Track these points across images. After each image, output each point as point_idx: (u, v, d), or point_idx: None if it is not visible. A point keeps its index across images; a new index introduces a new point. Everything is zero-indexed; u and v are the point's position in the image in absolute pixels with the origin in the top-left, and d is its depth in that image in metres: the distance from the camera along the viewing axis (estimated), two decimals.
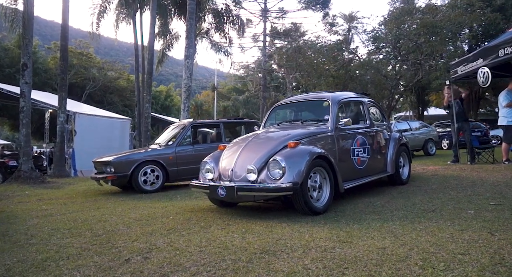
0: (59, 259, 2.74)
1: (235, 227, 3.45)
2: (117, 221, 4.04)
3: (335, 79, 20.36)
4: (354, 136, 4.87)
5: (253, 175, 3.83)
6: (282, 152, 3.90)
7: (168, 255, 2.67)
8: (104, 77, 28.94)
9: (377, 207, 4.12)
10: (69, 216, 4.54)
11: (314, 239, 2.89)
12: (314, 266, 2.30)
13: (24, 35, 9.12)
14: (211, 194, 4.11)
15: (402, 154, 5.79)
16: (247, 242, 2.88)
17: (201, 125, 8.27)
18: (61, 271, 2.46)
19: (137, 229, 3.61)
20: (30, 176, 8.74)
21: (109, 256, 2.75)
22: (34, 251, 3.01)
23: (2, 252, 3.04)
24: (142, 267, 2.45)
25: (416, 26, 14.47)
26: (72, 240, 3.31)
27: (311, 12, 32.44)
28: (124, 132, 17.78)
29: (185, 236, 3.22)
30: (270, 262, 2.41)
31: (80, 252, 2.90)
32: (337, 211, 4.02)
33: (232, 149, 4.36)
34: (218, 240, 3.01)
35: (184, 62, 11.03)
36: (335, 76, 20.16)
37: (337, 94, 5.03)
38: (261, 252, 2.63)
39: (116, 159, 6.55)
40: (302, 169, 3.75)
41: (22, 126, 8.96)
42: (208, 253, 2.68)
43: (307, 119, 4.92)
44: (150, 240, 3.15)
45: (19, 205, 5.75)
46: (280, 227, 3.33)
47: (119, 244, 3.07)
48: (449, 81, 8.85)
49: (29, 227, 3.97)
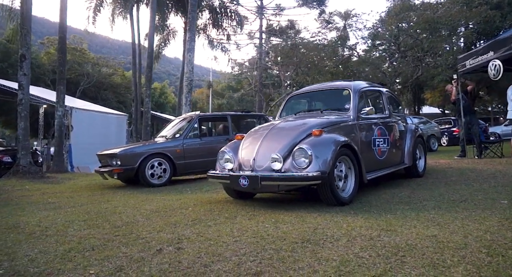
0: (83, 250, 2.55)
1: (263, 217, 3.29)
2: (134, 213, 3.85)
3: (333, 75, 20.29)
4: (375, 126, 4.73)
5: (278, 164, 3.67)
6: (307, 140, 3.75)
7: (202, 245, 2.50)
8: (99, 73, 28.47)
9: (403, 198, 3.99)
10: (80, 209, 4.33)
11: (353, 228, 2.74)
12: (367, 254, 2.15)
13: (23, 25, 8.82)
14: (231, 185, 3.94)
15: (418, 146, 5.68)
16: (282, 232, 2.72)
17: (208, 117, 8.06)
18: (90, 262, 2.27)
19: (158, 220, 3.42)
20: (29, 171, 8.46)
21: (137, 246, 2.56)
22: (54, 242, 2.81)
23: (19, 243, 2.83)
24: (177, 257, 2.28)
25: (418, 21, 14.39)
26: (91, 231, 3.11)
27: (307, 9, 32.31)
28: (120, 128, 17.48)
29: (212, 226, 3.05)
30: (316, 251, 2.26)
31: (104, 243, 2.71)
32: (362, 201, 3.87)
33: (252, 139, 4.19)
34: (250, 230, 2.85)
35: (186, 55, 10.80)
36: (333, 73, 20.09)
37: (357, 83, 4.89)
38: (302, 241, 2.47)
39: (122, 152, 6.34)
40: (329, 157, 3.60)
41: (21, 119, 8.66)
42: (244, 242, 2.51)
43: (326, 108, 4.77)
44: (176, 231, 2.97)
45: (23, 199, 5.51)
46: (311, 217, 3.18)
47: (144, 235, 2.89)
48: (457, 75, 8.77)
49: (40, 219, 3.76)
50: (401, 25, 16.82)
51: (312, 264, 2.05)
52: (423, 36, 15.09)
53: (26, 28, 8.88)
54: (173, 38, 21.20)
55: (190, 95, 10.62)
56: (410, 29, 15.64)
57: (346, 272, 1.91)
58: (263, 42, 31.02)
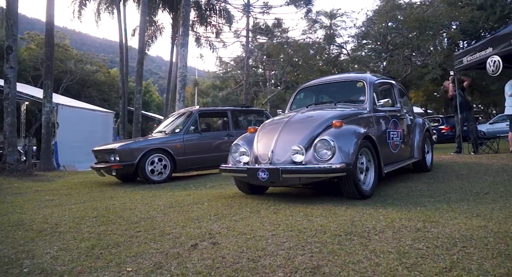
0: (108, 246, 2.35)
1: (288, 211, 3.13)
2: (147, 209, 3.63)
3: (322, 73, 20.32)
4: (390, 118, 4.65)
5: (300, 156, 3.53)
6: (329, 131, 3.62)
7: (239, 240, 2.33)
8: (82, 70, 27.68)
9: (423, 191, 3.91)
10: (84, 205, 4.08)
11: (392, 219, 2.62)
12: (423, 245, 2.03)
13: (9, 16, 8.39)
14: (249, 178, 3.77)
15: (426, 140, 5.64)
16: (318, 225, 2.58)
17: (208, 112, 7.84)
18: (121, 259, 2.07)
19: (177, 215, 3.23)
20: (17, 169, 8.05)
21: (167, 242, 2.37)
22: (71, 239, 2.59)
23: (32, 240, 2.60)
24: (218, 252, 2.10)
25: (407, 20, 14.48)
26: (108, 227, 2.90)
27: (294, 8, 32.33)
28: (107, 126, 16.97)
29: (239, 221, 2.87)
30: (365, 244, 2.12)
31: (128, 239, 2.50)
32: (382, 195, 3.78)
33: (268, 131, 4.03)
34: (282, 223, 2.69)
35: (180, 50, 10.55)
36: (323, 71, 20.12)
37: (370, 75, 4.80)
38: (345, 234, 2.34)
39: (121, 147, 6.07)
40: (353, 149, 3.48)
41: (7, 115, 8.24)
42: (283, 236, 2.35)
43: (339, 100, 4.65)
44: (201, 226, 2.78)
45: (17, 196, 5.19)
46: (340, 210, 3.05)
47: (168, 230, 2.69)
48: (453, 71, 8.82)
49: (45, 216, 3.50)
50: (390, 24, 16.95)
51: (369, 256, 1.92)
52: (412, 34, 15.22)
53: (13, 19, 8.46)
54: (160, 35, 20.79)
55: (183, 90, 10.37)
56: (399, 28, 15.74)
57: (411, 264, 1.78)
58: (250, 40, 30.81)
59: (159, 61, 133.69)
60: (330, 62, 20.23)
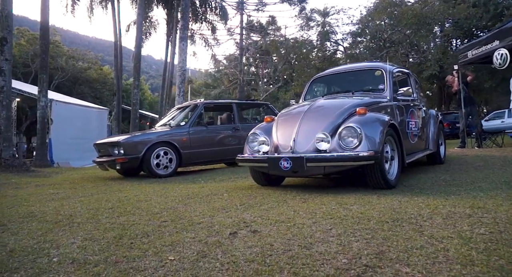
0: (137, 236, 2.17)
1: (318, 200, 2.98)
2: (164, 200, 3.45)
3: (319, 70, 20.26)
4: (408, 108, 4.54)
5: (325, 144, 3.38)
6: (354, 119, 3.47)
7: (280, 228, 2.17)
8: (73, 67, 27.16)
9: (448, 181, 3.79)
10: (94, 198, 3.88)
11: (435, 207, 2.49)
12: (484, 230, 1.90)
13: (3, 6, 8.09)
14: (269, 168, 3.60)
15: (439, 132, 5.55)
16: (359, 212, 2.43)
17: (213, 105, 7.65)
18: (158, 248, 1.90)
19: (199, 206, 3.05)
20: (13, 164, 7.76)
21: (202, 231, 2.20)
22: (93, 229, 2.40)
23: (51, 231, 2.40)
24: (263, 239, 1.94)
25: (406, 16, 14.48)
26: (129, 218, 2.71)
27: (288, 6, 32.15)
28: (101, 123, 16.65)
29: (269, 210, 2.71)
30: (418, 230, 1.98)
31: (157, 229, 2.33)
32: (406, 185, 3.65)
33: (288, 119, 3.89)
34: (318, 211, 2.54)
35: (179, 44, 10.33)
36: (319, 68, 20.07)
37: (387, 64, 4.67)
38: (392, 220, 2.19)
39: (126, 140, 5.85)
40: (379, 137, 3.34)
41: (2, 108, 7.92)
42: (326, 224, 2.20)
43: (357, 89, 4.51)
44: (231, 215, 2.62)
45: (19, 190, 4.95)
46: (373, 199, 2.90)
47: (197, 220, 2.52)
48: (458, 66, 8.77)
49: (56, 208, 3.30)
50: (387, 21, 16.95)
51: (430, 242, 1.77)
52: (410, 31, 15.23)
53: (7, 10, 8.16)
54: (155, 31, 20.47)
55: (183, 85, 10.16)
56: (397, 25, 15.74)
57: (483, 249, 1.64)
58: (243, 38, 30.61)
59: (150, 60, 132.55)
60: (326, 59, 20.21)
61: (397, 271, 1.45)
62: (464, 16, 15.57)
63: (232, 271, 1.54)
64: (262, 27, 31.46)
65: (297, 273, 1.48)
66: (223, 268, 1.58)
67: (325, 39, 19.40)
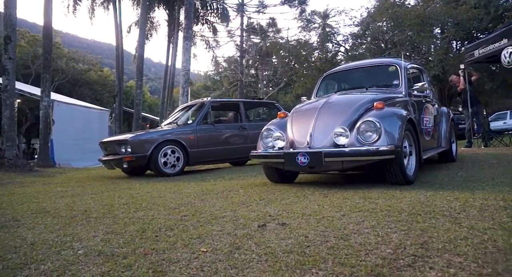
0: (161, 230, 2.09)
1: (339, 195, 2.90)
2: (179, 196, 3.37)
3: (320, 72, 20.22)
4: (423, 104, 4.47)
5: (343, 138, 3.31)
6: (372, 113, 3.41)
7: (309, 221, 2.10)
8: (74, 69, 27.06)
9: (466, 177, 3.72)
10: (105, 195, 3.79)
11: (465, 200, 2.42)
12: None
13: (7, 4, 8.01)
14: (286, 163, 3.52)
15: (451, 130, 5.48)
16: (386, 206, 2.36)
17: (220, 104, 7.57)
18: (187, 241, 1.82)
19: (217, 201, 2.97)
20: (16, 164, 7.66)
21: (227, 225, 2.13)
22: (112, 223, 2.32)
23: (68, 225, 2.32)
24: (295, 231, 1.87)
25: (409, 17, 14.45)
26: (146, 213, 2.63)
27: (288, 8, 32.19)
28: (102, 124, 16.53)
29: (292, 204, 2.64)
30: (455, 222, 1.91)
31: (179, 223, 2.25)
32: (423, 181, 3.57)
33: (303, 114, 3.82)
34: (344, 205, 2.46)
35: (183, 43, 10.26)
36: (321, 69, 20.03)
37: (401, 60, 4.61)
38: (424, 213, 2.12)
39: (134, 138, 5.76)
40: (399, 131, 3.28)
41: (6, 108, 7.84)
42: (357, 217, 2.13)
43: (370, 85, 4.45)
44: (253, 209, 2.54)
45: (26, 188, 4.86)
46: (396, 193, 2.83)
47: (218, 214, 2.44)
48: (464, 65, 8.73)
49: (69, 204, 3.21)
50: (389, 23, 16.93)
51: (473, 233, 1.70)
52: (413, 31, 15.20)
53: (11, 8, 8.08)
54: (156, 33, 20.43)
55: (187, 85, 10.09)
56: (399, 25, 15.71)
57: None
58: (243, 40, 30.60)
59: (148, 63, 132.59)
60: (327, 61, 20.18)
61: (449, 261, 1.37)
62: (467, 17, 15.56)
63: (273, 262, 1.46)
64: (262, 29, 31.50)
65: (342, 263, 1.40)
66: (261, 259, 1.50)
67: (326, 40, 19.36)
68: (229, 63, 34.63)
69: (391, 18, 15.35)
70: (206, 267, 1.45)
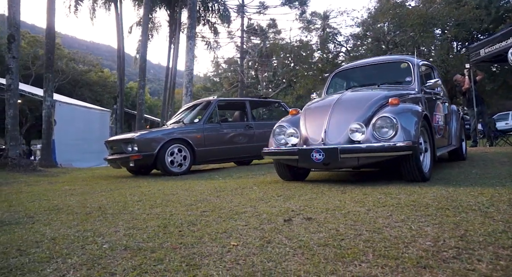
0: (183, 225, 2.04)
1: (358, 191, 2.85)
2: (192, 193, 3.32)
3: (321, 72, 20.22)
4: (435, 101, 4.44)
5: (359, 134, 3.26)
6: (388, 109, 3.36)
7: (336, 215, 2.05)
8: (74, 70, 26.99)
9: (482, 174, 3.67)
10: (116, 193, 3.74)
11: (491, 195, 2.37)
12: None
13: (11, 3, 7.96)
14: (300, 160, 3.46)
15: (462, 128, 5.45)
16: (410, 201, 2.31)
17: (226, 103, 7.52)
18: (213, 235, 1.77)
19: (233, 198, 2.92)
20: (19, 164, 7.59)
21: (252, 219, 2.08)
22: (131, 219, 2.27)
23: (85, 222, 2.26)
24: (323, 225, 1.82)
25: (412, 17, 14.44)
26: (164, 209, 2.58)
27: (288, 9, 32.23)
28: (103, 125, 16.46)
29: (312, 200, 2.59)
30: (487, 216, 1.87)
31: (200, 218, 2.20)
32: (439, 178, 3.52)
33: (316, 111, 3.77)
34: (366, 200, 2.41)
35: (187, 43, 10.21)
36: (322, 69, 20.02)
37: (414, 57, 4.56)
38: (452, 207, 2.08)
39: (140, 136, 5.71)
40: (416, 127, 3.23)
41: (9, 107, 7.78)
42: (383, 211, 2.08)
43: (382, 82, 4.40)
44: (274, 205, 2.49)
45: (33, 187, 4.80)
46: (415, 189, 2.77)
47: (238, 209, 2.39)
48: (469, 65, 8.70)
49: (80, 202, 3.15)
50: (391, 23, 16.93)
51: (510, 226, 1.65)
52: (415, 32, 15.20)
53: (15, 7, 8.03)
54: (157, 33, 20.38)
55: (191, 84, 10.04)
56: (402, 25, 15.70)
57: None
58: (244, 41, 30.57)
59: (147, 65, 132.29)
60: (328, 61, 20.18)
61: (495, 253, 1.33)
62: (470, 17, 15.58)
63: (309, 255, 1.41)
64: (262, 30, 31.50)
65: (383, 255, 1.35)
66: (297, 252, 1.45)
67: (326, 41, 19.36)
68: (229, 65, 34.64)
69: (393, 18, 15.33)
70: (241, 260, 1.40)
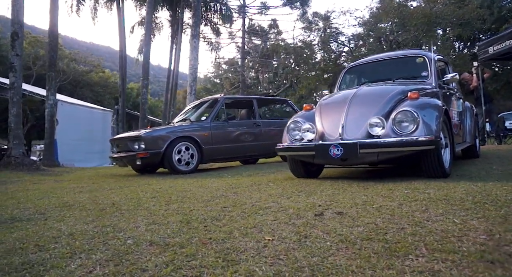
0: (206, 220, 1.93)
1: (381, 187, 2.74)
2: (207, 190, 3.21)
3: (324, 72, 20.12)
4: (451, 96, 4.34)
5: (378, 129, 3.16)
6: (408, 103, 3.25)
7: (367, 210, 1.94)
8: (74, 70, 26.89)
9: (503, 170, 3.57)
10: (127, 190, 3.62)
11: None
12: None
13: (15, 1, 7.86)
14: (317, 156, 3.35)
15: (475, 125, 5.35)
16: (442, 195, 2.20)
17: (234, 100, 7.42)
18: (243, 231, 1.66)
19: (252, 194, 2.81)
20: (23, 163, 7.48)
21: (279, 214, 1.97)
22: (149, 215, 2.16)
23: (101, 217, 2.16)
24: (358, 219, 1.72)
25: (416, 16, 14.36)
26: (181, 205, 2.47)
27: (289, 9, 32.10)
28: (105, 124, 16.36)
29: (335, 196, 2.48)
30: None
31: (222, 213, 2.09)
32: (458, 175, 3.42)
33: (333, 105, 3.67)
34: (393, 195, 2.31)
35: (191, 41, 10.12)
36: (324, 69, 19.93)
37: (431, 51, 4.47)
38: (490, 201, 1.98)
39: (147, 134, 5.60)
40: (437, 121, 3.13)
41: (13, 105, 7.67)
42: (415, 205, 1.97)
43: (397, 77, 4.30)
44: (297, 200, 2.38)
45: (39, 186, 4.69)
46: (441, 184, 2.66)
47: (261, 205, 2.28)
48: (477, 63, 8.62)
49: (91, 199, 3.05)
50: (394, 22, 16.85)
51: None
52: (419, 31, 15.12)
53: (19, 4, 7.93)
54: (159, 33, 20.29)
55: (195, 83, 9.94)
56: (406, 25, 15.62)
57: None
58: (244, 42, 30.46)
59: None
60: (331, 61, 20.09)
61: None
62: (473, 17, 15.51)
63: (356, 249, 1.30)
64: (263, 31, 31.42)
65: (438, 249, 1.25)
66: (340, 247, 1.35)
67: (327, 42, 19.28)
68: (230, 65, 34.53)
69: (397, 18, 15.25)
70: (282, 255, 1.29)
